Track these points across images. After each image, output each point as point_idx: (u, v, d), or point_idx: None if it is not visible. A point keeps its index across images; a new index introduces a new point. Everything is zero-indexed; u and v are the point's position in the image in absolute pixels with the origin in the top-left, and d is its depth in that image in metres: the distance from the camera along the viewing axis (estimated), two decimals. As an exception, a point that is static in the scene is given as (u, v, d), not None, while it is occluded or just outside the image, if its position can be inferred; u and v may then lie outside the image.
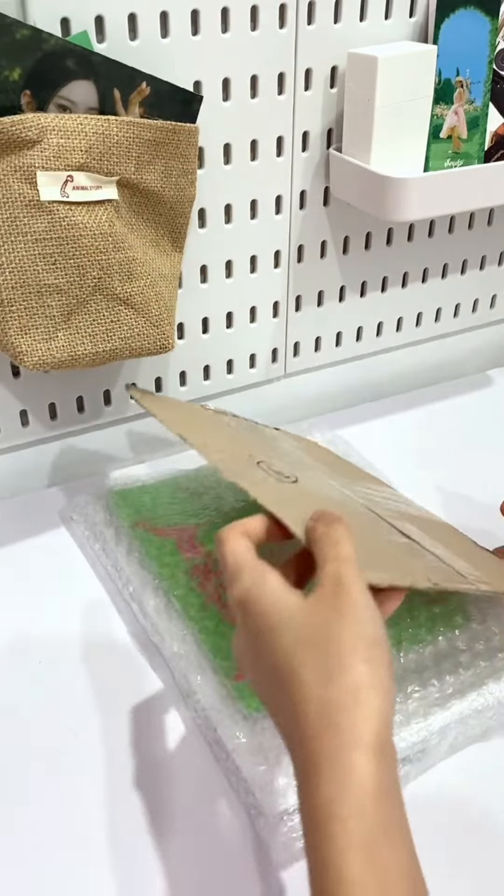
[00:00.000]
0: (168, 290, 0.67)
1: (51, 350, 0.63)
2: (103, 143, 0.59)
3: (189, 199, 0.67)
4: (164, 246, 0.67)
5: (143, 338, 0.66)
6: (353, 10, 0.70)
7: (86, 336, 0.64)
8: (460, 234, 0.88)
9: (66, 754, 0.53)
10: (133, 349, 0.66)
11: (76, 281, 0.61)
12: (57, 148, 0.58)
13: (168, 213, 0.66)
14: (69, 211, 0.59)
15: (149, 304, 0.65)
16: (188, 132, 0.64)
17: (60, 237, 0.59)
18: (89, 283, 0.62)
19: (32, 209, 0.58)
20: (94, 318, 0.63)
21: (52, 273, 0.60)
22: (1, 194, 0.57)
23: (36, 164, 0.57)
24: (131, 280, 0.63)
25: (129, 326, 0.65)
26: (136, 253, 0.63)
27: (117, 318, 0.64)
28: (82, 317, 0.63)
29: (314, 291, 0.83)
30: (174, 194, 0.65)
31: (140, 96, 0.61)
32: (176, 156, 0.64)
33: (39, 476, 0.80)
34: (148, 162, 0.62)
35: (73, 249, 0.60)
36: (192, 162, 0.65)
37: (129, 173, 0.61)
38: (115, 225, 0.61)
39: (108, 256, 0.61)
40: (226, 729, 0.51)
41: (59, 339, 0.63)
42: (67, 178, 0.58)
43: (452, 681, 0.54)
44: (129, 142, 0.60)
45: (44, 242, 0.59)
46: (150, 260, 0.65)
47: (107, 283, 0.62)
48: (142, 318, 0.65)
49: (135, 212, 0.64)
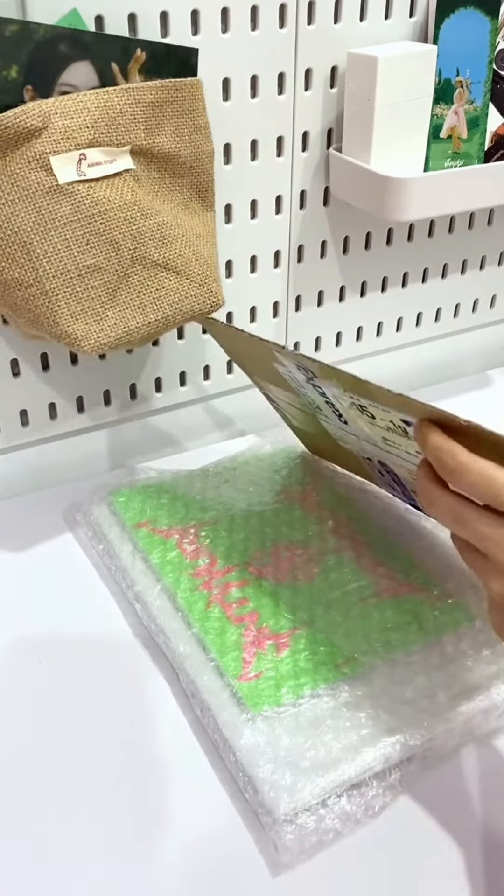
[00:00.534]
0: (206, 249, 0.66)
1: (104, 330, 0.62)
2: (107, 114, 0.59)
3: (208, 154, 0.65)
4: (193, 206, 0.66)
5: (192, 299, 0.65)
6: (353, 10, 0.70)
7: (135, 309, 0.63)
8: (460, 234, 0.88)
9: (69, 755, 0.53)
10: (184, 312, 0.65)
11: (113, 256, 0.60)
12: (63, 130, 0.57)
13: (188, 172, 0.65)
14: (90, 189, 0.59)
15: (189, 265, 0.64)
16: (191, 86, 0.63)
17: (87, 216, 0.59)
18: (126, 255, 0.61)
19: (54, 195, 0.58)
20: (139, 289, 0.63)
21: (87, 254, 0.59)
22: (21, 188, 0.57)
23: (47, 150, 0.57)
24: (166, 244, 0.63)
25: (174, 291, 0.64)
26: (165, 217, 0.63)
27: (161, 285, 0.63)
28: (127, 290, 0.62)
29: (314, 291, 0.83)
30: (190, 152, 0.64)
31: (137, 63, 0.61)
32: (183, 112, 0.63)
33: (39, 476, 0.79)
34: (157, 124, 0.61)
35: (101, 226, 0.59)
36: (202, 116, 0.64)
37: (140, 140, 0.61)
38: (137, 193, 0.61)
39: (139, 225, 0.61)
40: (232, 729, 0.51)
41: (110, 318, 0.62)
42: (80, 156, 0.58)
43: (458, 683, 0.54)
44: (132, 108, 0.60)
45: (73, 225, 0.58)
46: (182, 222, 0.64)
47: (143, 252, 0.62)
48: (185, 279, 0.64)
49: (156, 177, 0.63)
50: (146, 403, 0.81)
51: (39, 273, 0.59)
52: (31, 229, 0.58)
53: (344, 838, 0.47)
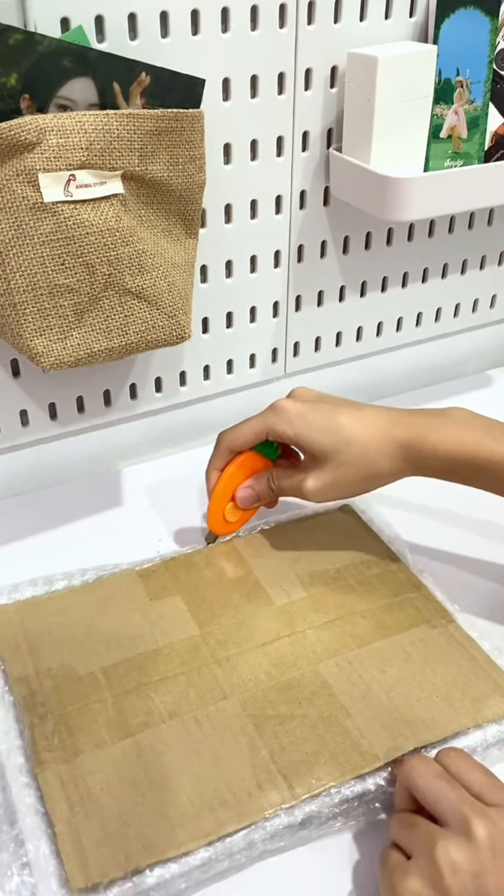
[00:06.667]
0: (182, 280, 0.67)
1: (66, 349, 0.63)
2: (104, 138, 0.59)
3: (199, 185, 0.66)
4: (176, 234, 0.67)
5: (159, 329, 0.66)
6: (353, 10, 0.70)
7: (100, 333, 0.63)
8: (460, 234, 0.88)
9: None
10: (149, 342, 0.66)
11: (86, 279, 0.61)
12: (57, 148, 0.57)
13: (178, 200, 0.65)
14: (74, 210, 0.59)
15: (162, 295, 0.65)
16: (192, 118, 0.63)
17: (67, 237, 0.59)
18: (100, 280, 0.61)
19: (37, 212, 0.58)
20: (108, 314, 0.63)
21: (62, 273, 0.60)
22: (5, 199, 0.57)
23: (37, 167, 0.57)
24: (142, 273, 0.63)
25: (143, 320, 0.65)
26: (146, 245, 0.63)
27: (131, 313, 0.64)
28: (96, 314, 0.63)
29: (314, 291, 0.83)
30: (182, 181, 0.64)
31: (140, 87, 0.61)
32: (181, 143, 0.63)
33: (39, 476, 0.79)
34: (152, 152, 0.61)
35: (80, 248, 0.60)
36: (199, 147, 0.64)
37: (134, 166, 0.61)
38: (122, 219, 0.61)
39: (117, 252, 0.61)
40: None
41: (73, 338, 0.63)
42: (70, 177, 0.58)
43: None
44: (130, 134, 0.60)
45: (51, 244, 0.59)
46: (162, 251, 0.65)
47: (118, 279, 0.62)
48: (155, 310, 0.65)
49: (143, 203, 0.63)
50: (146, 403, 0.81)
51: (11, 285, 0.59)
52: (8, 241, 0.58)
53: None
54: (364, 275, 0.85)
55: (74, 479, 0.80)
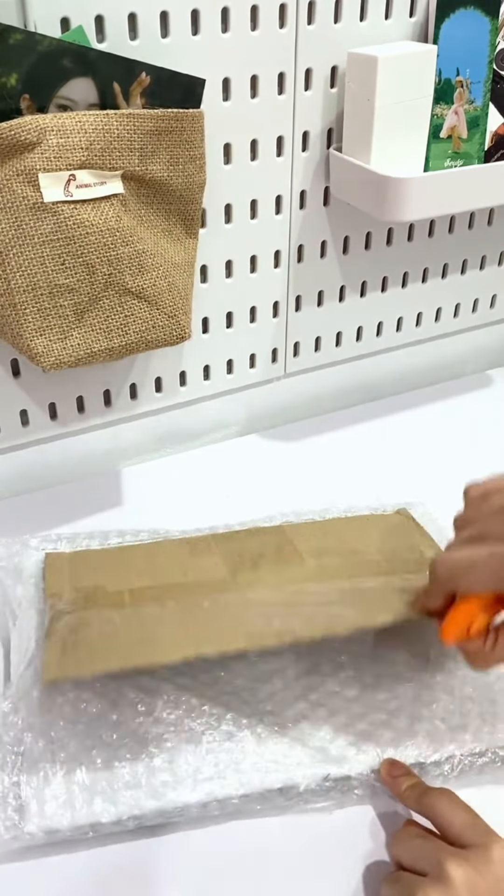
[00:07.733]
0: (182, 280, 0.67)
1: (66, 349, 0.63)
2: (104, 138, 0.59)
3: (199, 185, 0.66)
4: (176, 234, 0.67)
5: (159, 329, 0.66)
6: (353, 10, 0.70)
7: (100, 333, 0.64)
8: (460, 234, 0.88)
9: None
10: (149, 342, 0.66)
11: (86, 279, 0.61)
12: (57, 148, 0.57)
13: (178, 200, 0.65)
14: (74, 210, 0.59)
15: (162, 295, 0.65)
16: (192, 118, 0.63)
17: (67, 237, 0.59)
18: (100, 280, 0.62)
19: (37, 211, 0.58)
20: (108, 314, 0.63)
21: (62, 273, 0.60)
22: (5, 199, 0.57)
23: (37, 167, 0.57)
24: (142, 273, 0.63)
25: (143, 320, 0.65)
26: (146, 245, 0.63)
27: (131, 313, 0.64)
28: (96, 314, 0.63)
29: (314, 291, 0.83)
30: (183, 181, 0.64)
31: (141, 87, 0.61)
32: (181, 143, 0.63)
33: (39, 476, 0.79)
34: (152, 152, 0.62)
35: (80, 248, 0.60)
36: (199, 147, 0.64)
37: (134, 165, 0.61)
38: (122, 219, 0.61)
39: (118, 252, 0.61)
40: None
41: (73, 338, 0.63)
42: (70, 177, 0.58)
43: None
44: (130, 134, 0.60)
45: (51, 244, 0.59)
46: (162, 251, 0.65)
47: (118, 279, 0.62)
48: (155, 309, 0.65)
49: (143, 203, 0.63)
50: (146, 403, 0.81)
51: (11, 285, 0.59)
52: (9, 241, 0.58)
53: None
54: (364, 275, 0.85)
55: (74, 479, 0.80)
